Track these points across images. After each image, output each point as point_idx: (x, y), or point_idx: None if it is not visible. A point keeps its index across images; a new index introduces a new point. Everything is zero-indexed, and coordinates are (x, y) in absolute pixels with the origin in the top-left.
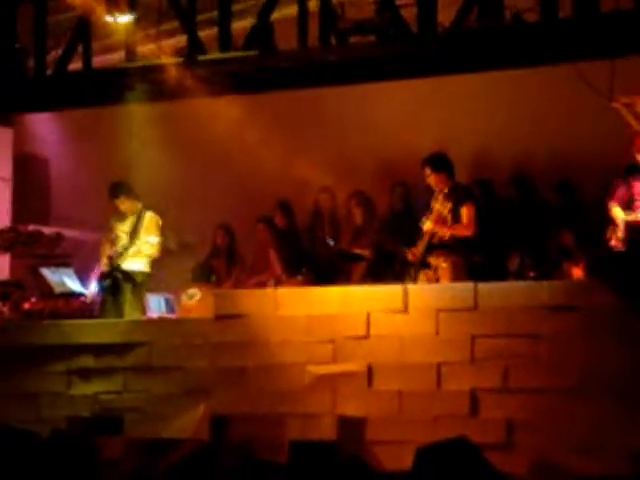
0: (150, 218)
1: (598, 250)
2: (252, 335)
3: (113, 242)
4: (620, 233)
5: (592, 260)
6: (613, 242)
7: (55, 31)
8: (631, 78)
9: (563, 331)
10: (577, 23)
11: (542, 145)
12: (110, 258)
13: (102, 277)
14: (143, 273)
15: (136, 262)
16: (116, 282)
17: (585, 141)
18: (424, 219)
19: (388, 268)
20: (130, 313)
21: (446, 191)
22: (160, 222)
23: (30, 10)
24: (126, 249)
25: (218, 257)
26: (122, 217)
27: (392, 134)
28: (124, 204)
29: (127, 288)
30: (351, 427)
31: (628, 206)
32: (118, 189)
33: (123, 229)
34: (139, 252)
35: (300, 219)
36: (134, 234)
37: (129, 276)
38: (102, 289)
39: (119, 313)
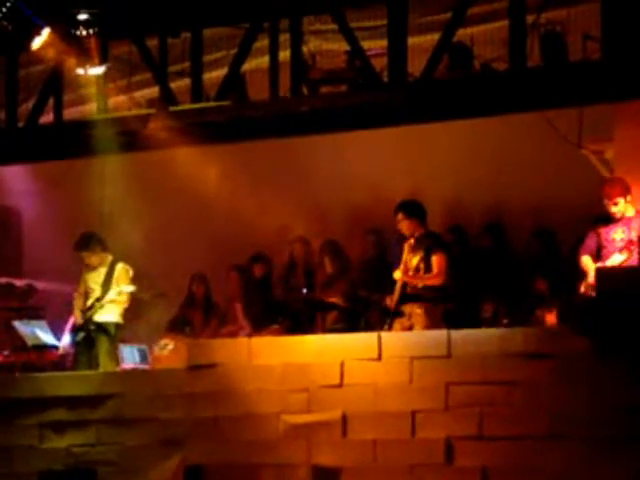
0: (121, 269)
1: (570, 297)
2: (226, 385)
3: (85, 294)
4: (590, 280)
5: (564, 307)
6: (583, 289)
7: (26, 83)
8: (599, 126)
9: (536, 378)
10: (545, 72)
11: (515, 192)
12: (83, 311)
13: (75, 330)
14: (116, 324)
15: (109, 313)
16: (90, 334)
17: (558, 188)
18: (396, 269)
19: (361, 316)
20: (105, 364)
21: (417, 238)
22: (131, 272)
23: (1, 62)
24: (98, 301)
25: (194, 307)
26: (93, 269)
27: (364, 182)
28: (94, 257)
29: (101, 340)
30: (326, 477)
31: (598, 255)
32: (86, 242)
33: (95, 281)
34: (111, 303)
35: (275, 268)
36: (106, 286)
37: (103, 328)
38: (75, 342)
39: (93, 365)
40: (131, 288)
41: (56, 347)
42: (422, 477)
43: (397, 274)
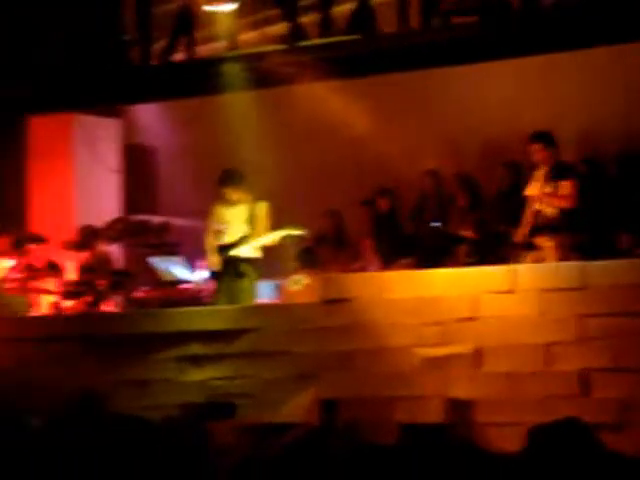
0: (263, 207)
1: None
2: (359, 319)
3: (222, 231)
4: None
5: None
6: None
7: (159, 22)
8: None
9: None
10: None
11: None
12: (223, 246)
13: (214, 265)
14: (256, 260)
15: (249, 250)
16: (234, 270)
17: None
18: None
19: (494, 249)
20: (245, 299)
21: (550, 168)
22: (271, 210)
23: (134, 2)
24: (240, 237)
25: (324, 243)
26: (232, 205)
27: (496, 114)
28: (237, 193)
29: (246, 275)
30: (460, 409)
31: None
32: (232, 177)
33: (235, 217)
34: (252, 240)
35: (404, 203)
36: (251, 223)
37: (244, 264)
38: (215, 277)
39: (234, 300)
40: (300, 232)
41: (192, 282)
42: (557, 409)
43: (529, 190)
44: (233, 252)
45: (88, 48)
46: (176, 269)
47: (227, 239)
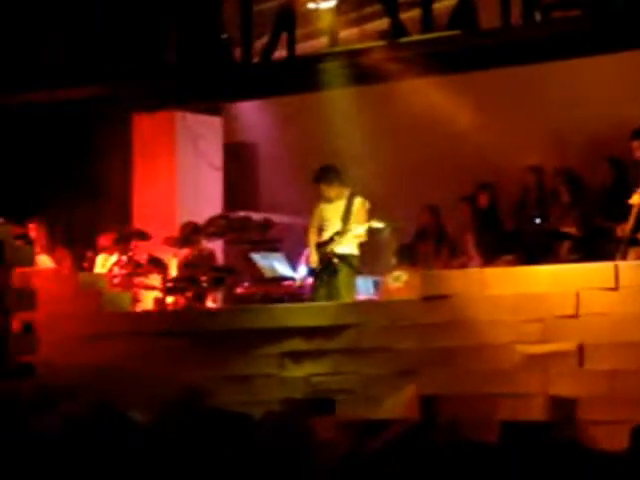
0: (360, 203)
1: None
2: (460, 315)
3: (321, 227)
4: None
5: None
6: None
7: (260, 20)
8: None
9: None
10: None
11: None
12: (321, 243)
13: (313, 262)
14: (355, 256)
15: (348, 246)
16: (330, 266)
17: None
18: (634, 194)
19: (597, 245)
20: (345, 296)
21: None
22: (368, 206)
23: (236, 0)
24: (338, 234)
25: (425, 239)
26: (330, 202)
27: (600, 109)
28: (332, 189)
29: (342, 271)
30: (563, 407)
31: None
32: (326, 174)
33: (333, 214)
34: (351, 236)
35: (505, 198)
36: (345, 219)
37: (343, 260)
38: (314, 273)
39: (333, 296)
40: (381, 224)
41: (293, 279)
42: None
43: (635, 198)
44: (329, 248)
45: (191, 47)
46: (277, 265)
47: (325, 236)
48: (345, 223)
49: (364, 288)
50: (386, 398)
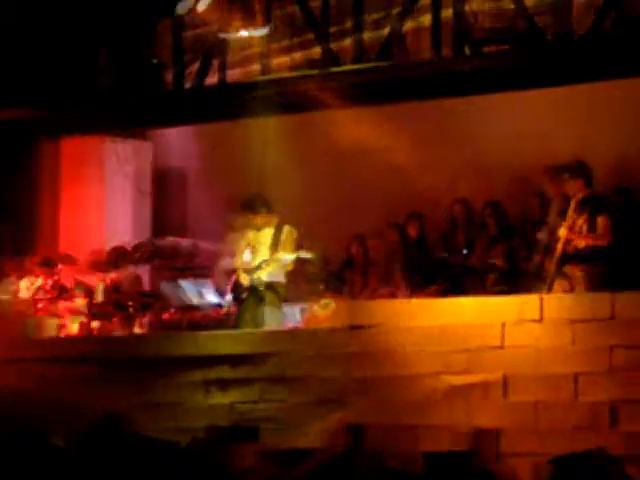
0: (288, 231)
1: None
2: (386, 345)
3: (247, 254)
4: None
5: None
6: None
7: (192, 46)
8: None
9: None
10: None
11: None
12: (248, 270)
13: (239, 288)
14: (281, 284)
15: (276, 274)
16: (256, 294)
17: None
18: (559, 227)
19: (523, 278)
20: (270, 323)
21: (582, 199)
22: (296, 235)
23: (168, 25)
24: (265, 261)
25: (352, 268)
26: (258, 229)
27: (528, 143)
28: (259, 217)
29: (268, 299)
30: (486, 438)
31: None
32: (253, 202)
33: (260, 241)
34: (277, 265)
35: (433, 229)
36: (273, 247)
37: (271, 287)
38: (238, 300)
39: (258, 323)
40: (310, 255)
41: (220, 306)
42: (585, 440)
43: (562, 231)
44: (255, 276)
45: (122, 71)
46: (205, 292)
47: (252, 263)
48: (273, 251)
49: (291, 316)
50: (311, 427)
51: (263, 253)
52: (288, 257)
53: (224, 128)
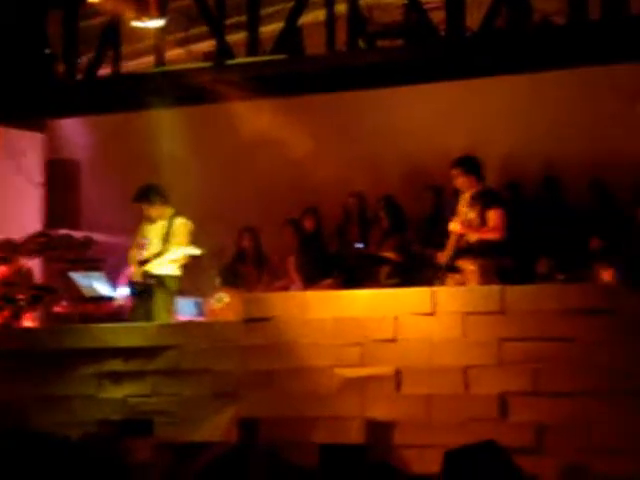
0: (181, 224)
1: (629, 254)
2: (280, 338)
3: (143, 247)
4: None
5: (623, 263)
6: None
7: (85, 36)
8: None
9: (592, 334)
10: (605, 26)
11: (572, 148)
12: (141, 263)
13: (133, 282)
14: (174, 277)
15: (167, 267)
16: (148, 287)
17: (615, 144)
18: (451, 221)
19: (416, 271)
20: (161, 317)
21: (474, 194)
22: (190, 227)
23: (60, 15)
24: (157, 254)
25: (245, 261)
26: (152, 222)
27: (421, 137)
28: (153, 209)
29: (159, 292)
30: (379, 431)
31: None
32: (147, 194)
33: (154, 234)
34: (170, 257)
35: (327, 223)
36: (165, 240)
37: (161, 281)
38: (133, 293)
39: (149, 317)
40: (198, 251)
41: (113, 299)
42: (476, 432)
43: (453, 226)
44: (148, 269)
45: (13, 61)
46: (98, 285)
47: (145, 255)
48: (165, 244)
49: (186, 309)
50: (205, 420)
51: (156, 245)
52: (177, 251)
53: (120, 119)
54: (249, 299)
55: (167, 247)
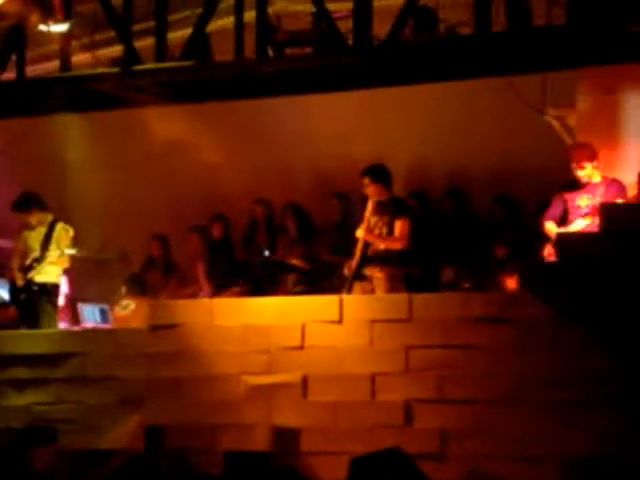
0: (60, 229)
1: (531, 261)
2: (187, 345)
3: (25, 254)
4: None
5: (525, 271)
6: (545, 254)
7: None
8: (562, 92)
9: (496, 342)
10: (510, 37)
11: (478, 158)
12: (22, 270)
13: (16, 290)
14: (55, 284)
15: (49, 274)
16: (31, 295)
17: (520, 154)
18: (359, 228)
19: (323, 279)
20: (45, 325)
21: (381, 202)
22: (72, 232)
23: None
24: (37, 261)
25: (153, 268)
26: (32, 228)
27: (329, 145)
28: (32, 216)
29: (41, 300)
30: (286, 438)
31: (563, 221)
32: (24, 202)
33: (35, 240)
34: (51, 264)
35: (235, 230)
36: (45, 245)
37: (43, 288)
38: (17, 302)
39: (34, 324)
40: (73, 251)
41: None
42: (381, 438)
43: (359, 232)
44: (29, 276)
45: None
46: (0, 291)
47: (27, 262)
48: (44, 250)
49: (91, 316)
50: (110, 428)
51: (36, 252)
52: (54, 254)
53: (24, 124)
54: (155, 306)
55: (47, 253)
